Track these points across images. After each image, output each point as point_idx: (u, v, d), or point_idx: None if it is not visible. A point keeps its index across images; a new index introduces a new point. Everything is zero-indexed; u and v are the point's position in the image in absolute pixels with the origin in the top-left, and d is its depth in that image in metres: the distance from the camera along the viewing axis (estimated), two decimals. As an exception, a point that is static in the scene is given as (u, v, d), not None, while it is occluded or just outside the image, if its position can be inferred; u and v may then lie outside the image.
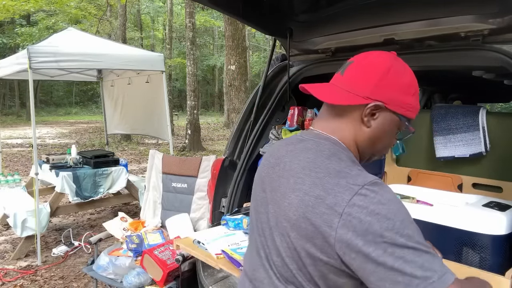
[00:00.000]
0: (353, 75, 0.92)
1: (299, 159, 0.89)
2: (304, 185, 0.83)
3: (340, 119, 0.92)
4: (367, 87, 0.88)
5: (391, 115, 0.90)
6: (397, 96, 0.89)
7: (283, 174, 0.91)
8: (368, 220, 0.74)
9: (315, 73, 2.17)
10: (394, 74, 0.89)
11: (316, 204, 0.79)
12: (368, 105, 0.88)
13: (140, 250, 2.46)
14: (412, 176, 2.08)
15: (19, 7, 11.77)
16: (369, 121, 0.90)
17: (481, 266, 1.38)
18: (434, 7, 1.60)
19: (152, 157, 3.05)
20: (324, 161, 0.85)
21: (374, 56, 0.93)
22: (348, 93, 0.89)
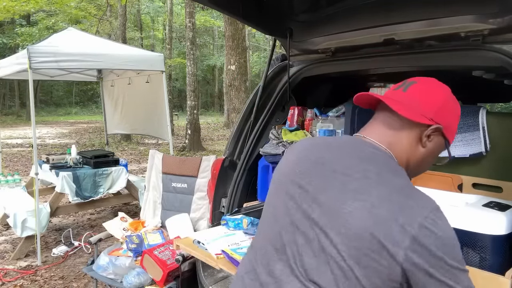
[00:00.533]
0: (418, 95, 0.95)
1: (360, 166, 0.88)
2: (370, 197, 0.83)
3: (398, 134, 0.94)
4: (432, 109, 0.93)
5: (441, 140, 0.96)
6: (452, 123, 0.96)
7: (335, 176, 0.89)
8: (435, 244, 0.78)
9: (315, 73, 2.17)
10: (453, 103, 0.97)
11: (386, 219, 0.80)
12: (431, 126, 0.92)
13: (140, 250, 2.46)
14: (412, 176, 2.08)
15: (20, 7, 11.77)
16: (426, 142, 0.94)
17: (481, 266, 1.38)
18: (434, 7, 1.60)
19: (152, 157, 3.05)
20: (389, 175, 0.86)
21: (436, 81, 1.00)
22: (415, 110, 0.92)
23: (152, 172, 3.04)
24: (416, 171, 0.99)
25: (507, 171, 1.74)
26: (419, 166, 0.97)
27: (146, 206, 3.06)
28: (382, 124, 0.96)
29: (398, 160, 0.93)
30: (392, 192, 0.83)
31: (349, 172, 0.88)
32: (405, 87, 0.97)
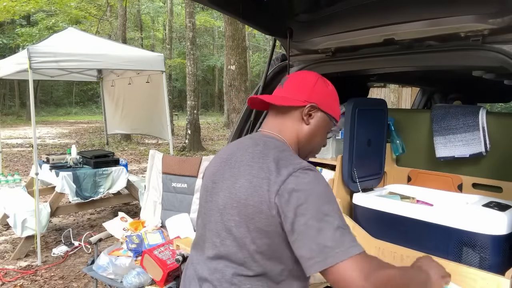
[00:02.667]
0: (291, 86, 1.16)
1: (249, 152, 1.07)
2: (253, 170, 1.02)
3: (283, 120, 1.14)
4: (304, 93, 1.13)
5: (323, 115, 1.15)
6: (326, 99, 1.15)
7: (235, 165, 1.08)
8: (297, 196, 0.93)
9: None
10: (322, 84, 1.16)
11: (261, 184, 0.98)
12: (306, 106, 1.11)
13: (140, 250, 2.46)
14: (412, 176, 2.08)
15: (20, 8, 11.77)
16: (308, 119, 1.13)
17: (481, 266, 1.38)
18: (434, 7, 1.60)
19: (152, 157, 3.05)
20: (271, 151, 1.04)
21: (304, 73, 1.21)
22: (290, 99, 1.13)
23: (152, 172, 3.04)
24: (310, 147, 1.17)
25: (507, 171, 1.74)
26: (310, 140, 1.15)
27: (146, 206, 3.06)
28: (272, 117, 1.17)
29: (289, 141, 1.12)
30: (268, 163, 1.00)
31: (244, 158, 1.07)
32: (282, 84, 1.18)
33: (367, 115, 1.86)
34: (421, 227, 1.54)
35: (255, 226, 0.98)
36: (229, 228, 1.03)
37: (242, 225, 1.00)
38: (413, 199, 1.79)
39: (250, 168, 1.03)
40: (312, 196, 0.94)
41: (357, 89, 3.00)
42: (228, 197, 1.04)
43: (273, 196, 0.95)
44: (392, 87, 9.39)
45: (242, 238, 1.00)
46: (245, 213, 0.99)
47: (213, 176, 1.13)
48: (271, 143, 1.08)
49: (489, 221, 1.39)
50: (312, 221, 0.91)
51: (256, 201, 0.97)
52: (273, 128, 1.13)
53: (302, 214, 0.92)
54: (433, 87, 3.73)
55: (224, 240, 1.04)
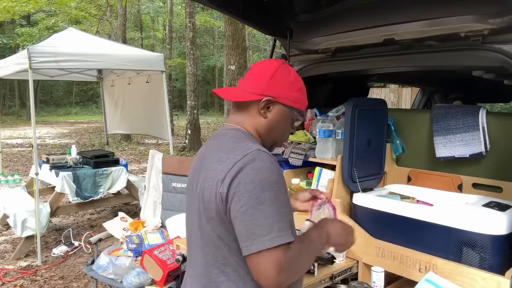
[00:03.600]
0: (250, 78, 1.13)
1: (211, 147, 1.12)
2: (209, 163, 1.05)
3: (243, 113, 1.13)
4: (260, 86, 1.10)
5: (283, 108, 1.12)
6: (284, 92, 1.11)
7: (201, 163, 1.11)
8: (238, 181, 0.95)
9: (315, 73, 2.17)
10: (280, 75, 1.11)
11: (212, 175, 1.01)
12: (262, 100, 1.09)
13: (140, 250, 2.46)
14: (412, 176, 2.08)
15: (20, 8, 11.77)
16: (265, 113, 1.11)
17: (481, 266, 1.38)
18: (434, 7, 1.60)
19: (152, 157, 3.05)
20: (226, 142, 1.07)
21: (265, 62, 1.15)
22: (246, 92, 1.11)
23: (152, 172, 3.04)
24: (272, 139, 1.16)
25: (507, 171, 1.74)
26: (269, 133, 1.14)
27: (146, 206, 3.06)
28: (234, 109, 1.17)
29: (251, 132, 1.12)
30: (222, 153, 1.03)
31: (206, 153, 1.11)
32: (243, 75, 1.16)
33: (367, 115, 1.86)
34: (421, 227, 1.54)
35: (211, 215, 1.01)
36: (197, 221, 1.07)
37: (202, 216, 1.04)
38: (413, 199, 1.79)
39: (207, 162, 1.07)
40: (253, 182, 0.94)
41: (357, 89, 3.00)
42: (195, 193, 1.09)
43: (220, 184, 0.98)
44: (392, 87, 9.39)
45: (206, 229, 1.03)
46: (203, 205, 1.03)
47: (190, 177, 1.17)
48: (229, 134, 1.10)
49: (489, 221, 1.39)
50: (245, 207, 0.93)
51: (207, 192, 1.01)
52: (234, 121, 1.14)
53: (239, 199, 0.94)
54: (433, 87, 3.73)
55: (195, 234, 1.09)
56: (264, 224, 0.92)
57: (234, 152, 1.01)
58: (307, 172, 2.16)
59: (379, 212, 1.68)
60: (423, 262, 1.49)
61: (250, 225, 0.93)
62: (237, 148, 1.02)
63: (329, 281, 1.62)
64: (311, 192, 1.30)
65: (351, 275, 1.73)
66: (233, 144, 1.05)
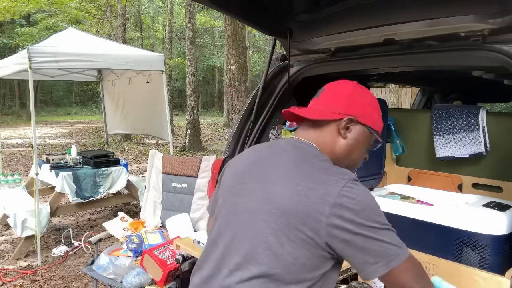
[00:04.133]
0: (327, 97, 1.10)
1: (288, 156, 1.03)
2: (296, 177, 0.96)
3: (319, 133, 1.07)
4: (340, 105, 1.07)
5: (363, 128, 1.08)
6: (365, 110, 1.08)
7: (270, 168, 1.03)
8: (355, 208, 0.90)
9: (315, 73, 2.17)
10: (359, 94, 1.09)
11: (309, 194, 0.92)
12: (343, 119, 1.05)
13: (140, 250, 2.46)
14: (412, 176, 2.08)
15: (20, 8, 11.77)
16: (345, 133, 1.06)
17: (481, 266, 1.38)
18: (434, 7, 1.60)
19: (152, 157, 3.05)
20: (313, 160, 1.00)
21: (341, 82, 1.13)
22: (325, 111, 1.07)
23: (152, 172, 3.04)
24: (346, 162, 1.09)
25: (507, 171, 1.75)
26: (346, 155, 1.08)
27: (146, 206, 3.06)
28: (307, 127, 1.10)
29: (324, 153, 1.05)
30: (316, 172, 0.97)
31: (282, 161, 1.03)
32: (317, 94, 1.13)
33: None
34: (421, 227, 1.54)
35: (296, 237, 0.92)
36: (263, 235, 0.96)
37: (279, 233, 0.94)
38: (413, 199, 1.79)
39: (292, 173, 0.97)
40: (368, 207, 0.93)
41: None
42: (262, 201, 0.98)
43: (326, 208, 0.90)
44: (392, 87, 9.38)
45: (278, 248, 0.94)
46: (286, 222, 0.93)
47: (240, 176, 1.08)
48: (310, 151, 1.03)
49: (489, 221, 1.39)
50: (373, 231, 0.91)
51: (301, 211, 0.92)
52: (308, 137, 1.07)
53: (362, 225, 0.90)
54: (433, 87, 3.73)
55: (256, 247, 0.96)
56: (394, 240, 0.94)
57: (333, 174, 0.96)
58: (307, 172, 2.16)
59: (379, 212, 1.68)
60: (423, 262, 1.48)
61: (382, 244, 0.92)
62: (332, 169, 0.98)
63: (329, 281, 1.62)
64: None
65: (351, 275, 1.72)
66: (324, 164, 1.00)
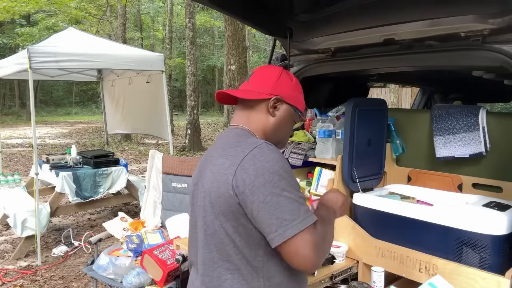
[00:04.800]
0: (256, 80, 1.19)
1: (215, 146, 1.15)
2: (214, 159, 1.09)
3: (250, 113, 1.17)
4: (268, 86, 1.16)
5: (288, 108, 1.19)
6: (290, 92, 1.19)
7: (205, 162, 1.14)
8: (255, 172, 0.97)
9: (315, 73, 2.17)
10: (285, 77, 1.19)
11: (220, 169, 1.03)
12: (271, 98, 1.15)
13: (140, 250, 2.46)
14: (412, 176, 2.08)
15: (19, 8, 11.77)
16: (274, 112, 1.16)
17: (481, 266, 1.38)
18: (434, 7, 1.60)
19: (152, 157, 3.05)
20: (230, 140, 1.10)
21: (268, 66, 1.23)
22: (256, 92, 1.16)
23: (152, 172, 3.04)
24: (276, 137, 1.19)
25: (507, 171, 1.75)
26: (275, 131, 1.18)
27: (146, 206, 3.06)
28: (239, 110, 1.19)
29: (256, 132, 1.15)
30: (228, 148, 1.07)
31: (211, 153, 1.14)
32: (248, 78, 1.21)
33: (367, 115, 1.86)
34: (421, 227, 1.54)
35: (220, 211, 1.02)
36: (204, 220, 1.07)
37: (211, 213, 1.04)
38: (413, 199, 1.79)
39: (212, 159, 1.09)
40: (269, 172, 0.97)
41: (357, 89, 3.00)
42: (200, 192, 1.11)
43: (230, 178, 0.99)
44: (392, 87, 9.39)
45: (213, 225, 1.04)
46: (210, 201, 1.04)
47: (193, 179, 1.20)
48: (233, 133, 1.14)
49: (489, 221, 1.39)
50: (270, 197, 0.95)
51: (215, 186, 1.02)
52: (240, 121, 1.17)
53: (260, 191, 0.96)
54: (433, 87, 3.73)
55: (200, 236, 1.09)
56: (291, 209, 0.96)
57: (241, 146, 1.04)
58: (307, 172, 2.16)
59: (379, 212, 1.68)
60: (423, 262, 1.49)
61: (278, 213, 0.95)
62: (243, 142, 1.06)
63: (329, 281, 1.62)
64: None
65: (351, 275, 1.73)
66: (239, 139, 1.09)
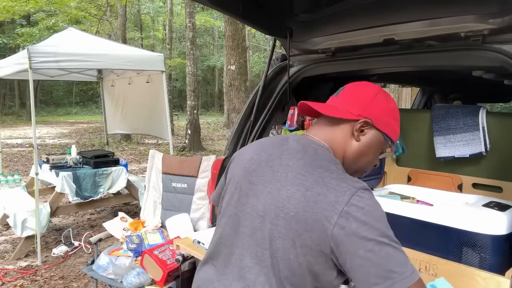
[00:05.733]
0: (346, 97, 1.07)
1: (298, 158, 0.99)
2: (306, 181, 0.93)
3: (333, 131, 1.04)
4: (358, 106, 1.03)
5: (378, 134, 1.05)
6: (383, 117, 1.05)
7: (279, 169, 0.99)
8: (363, 219, 0.86)
9: (315, 73, 2.17)
10: (381, 99, 1.05)
11: (318, 200, 0.89)
12: (359, 120, 1.02)
13: (140, 250, 2.46)
14: (412, 176, 2.08)
15: (19, 7, 11.77)
16: (359, 136, 1.03)
17: (481, 266, 1.38)
18: (434, 7, 1.60)
19: (152, 157, 3.05)
20: (325, 163, 0.96)
21: (364, 83, 1.09)
22: (342, 110, 1.04)
23: (152, 172, 3.04)
24: (355, 166, 1.07)
25: (507, 171, 1.75)
26: (356, 158, 1.05)
27: (146, 206, 3.06)
28: (321, 125, 1.07)
29: (335, 153, 1.03)
30: (327, 177, 0.93)
31: (291, 163, 0.98)
32: (337, 93, 1.10)
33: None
34: (421, 227, 1.54)
35: (302, 243, 0.90)
36: (271, 238, 0.94)
37: (287, 238, 0.92)
38: (413, 199, 1.79)
39: (302, 177, 0.94)
40: (376, 219, 0.88)
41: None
42: (271, 203, 0.96)
43: (334, 216, 0.87)
44: (392, 87, 9.38)
45: (286, 253, 0.92)
46: (295, 227, 0.91)
47: (249, 175, 1.04)
48: (322, 153, 1.00)
49: (489, 221, 1.39)
50: (379, 246, 0.85)
51: (308, 217, 0.90)
52: (321, 136, 1.04)
53: (368, 238, 0.85)
54: (433, 87, 3.74)
55: (264, 250, 0.96)
56: (401, 260, 0.86)
57: (344, 180, 0.92)
58: (307, 172, 2.16)
59: (379, 212, 1.68)
60: (423, 262, 1.49)
61: (387, 265, 0.85)
62: (343, 175, 0.95)
63: (329, 281, 1.62)
64: None
65: (351, 275, 1.72)
66: (336, 168, 0.96)
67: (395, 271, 0.84)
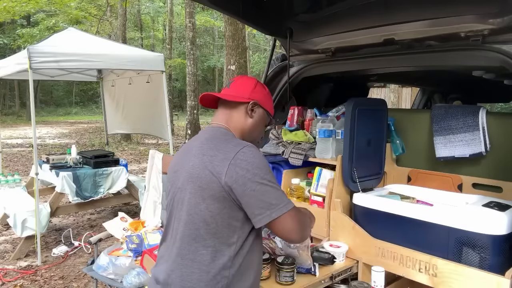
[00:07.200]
0: (236, 87, 1.39)
1: (200, 139, 1.31)
2: (203, 151, 1.24)
3: (231, 114, 1.36)
4: (247, 92, 1.37)
5: (263, 112, 1.39)
6: (264, 99, 1.40)
7: (189, 152, 1.29)
8: (246, 167, 1.17)
9: (315, 73, 2.17)
10: (260, 86, 1.42)
11: (212, 160, 1.20)
12: (250, 102, 1.35)
13: (140, 250, 2.46)
14: (412, 176, 2.08)
15: (20, 8, 11.77)
16: (251, 114, 1.36)
17: (481, 266, 1.38)
18: (434, 7, 1.60)
19: (152, 157, 3.05)
20: (218, 135, 1.29)
21: (246, 76, 1.45)
22: (237, 96, 1.36)
23: (152, 172, 3.04)
24: (251, 137, 1.39)
25: (507, 171, 1.74)
26: (251, 131, 1.38)
27: (146, 206, 3.06)
28: (220, 111, 1.39)
29: (234, 131, 1.34)
30: (218, 143, 1.24)
31: (195, 143, 1.31)
32: (228, 85, 1.41)
33: (367, 115, 1.85)
34: (421, 227, 1.54)
35: (209, 194, 1.18)
36: (186, 199, 1.23)
37: (196, 195, 1.20)
38: (413, 199, 1.79)
39: (201, 149, 1.25)
40: (257, 167, 1.17)
41: (357, 89, 3.00)
42: (184, 176, 1.26)
43: (224, 169, 1.16)
44: (392, 87, 9.38)
45: (198, 206, 1.20)
46: (200, 185, 1.20)
47: (174, 167, 1.36)
48: (218, 131, 1.32)
49: (489, 221, 1.39)
50: (259, 186, 1.16)
51: (208, 174, 1.19)
52: (221, 120, 1.36)
53: (251, 181, 1.15)
54: (433, 87, 3.73)
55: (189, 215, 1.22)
56: (277, 196, 1.18)
57: (232, 143, 1.23)
58: (307, 172, 2.16)
59: (379, 212, 1.68)
60: (423, 262, 1.49)
61: (266, 199, 1.16)
62: (233, 140, 1.26)
63: (329, 281, 1.62)
64: None
65: (351, 275, 1.73)
66: (227, 137, 1.28)
67: (272, 203, 1.17)
